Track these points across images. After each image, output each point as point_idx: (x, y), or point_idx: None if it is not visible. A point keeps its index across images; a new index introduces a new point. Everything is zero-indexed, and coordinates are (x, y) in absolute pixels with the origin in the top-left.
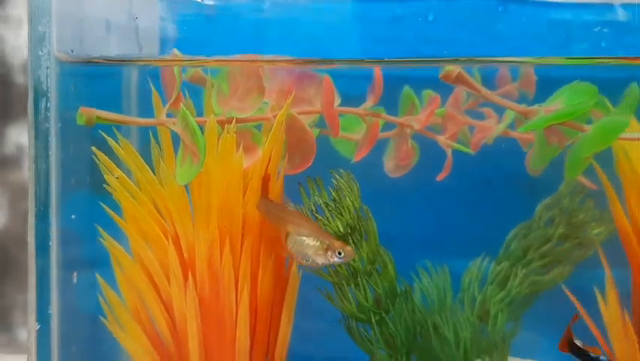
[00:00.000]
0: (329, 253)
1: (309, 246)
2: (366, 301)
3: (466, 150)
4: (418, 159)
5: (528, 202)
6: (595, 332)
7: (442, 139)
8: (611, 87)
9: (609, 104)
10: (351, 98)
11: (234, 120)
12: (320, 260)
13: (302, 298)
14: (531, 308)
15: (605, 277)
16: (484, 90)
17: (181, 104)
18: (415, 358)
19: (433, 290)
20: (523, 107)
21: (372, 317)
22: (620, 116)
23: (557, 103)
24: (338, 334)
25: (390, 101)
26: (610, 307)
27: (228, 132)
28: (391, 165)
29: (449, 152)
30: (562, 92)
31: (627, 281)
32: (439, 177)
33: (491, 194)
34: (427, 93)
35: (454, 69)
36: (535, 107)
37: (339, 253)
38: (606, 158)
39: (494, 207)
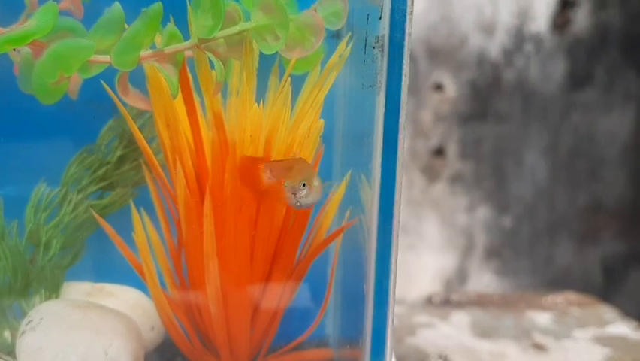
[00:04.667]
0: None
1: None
2: None
3: None
4: None
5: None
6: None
7: None
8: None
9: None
10: None
11: None
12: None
13: None
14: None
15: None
16: None
17: None
18: None
19: None
20: None
21: None
22: (82, 39)
23: (28, 24)
24: None
25: None
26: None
27: None
28: None
29: None
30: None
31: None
32: None
33: (61, 117)
34: None
35: None
36: (8, 28)
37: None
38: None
39: (55, 132)
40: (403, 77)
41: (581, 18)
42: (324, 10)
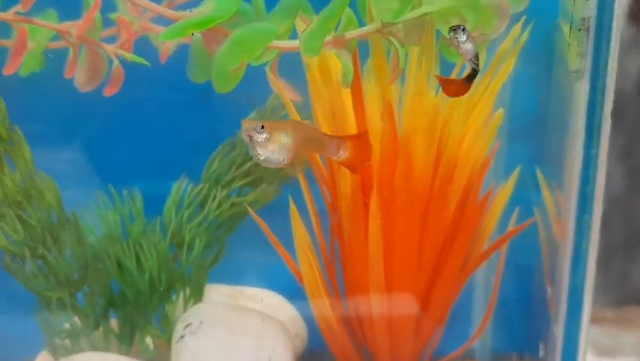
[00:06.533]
0: None
1: None
2: (16, 234)
3: (140, 60)
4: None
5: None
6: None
7: (109, 48)
8: None
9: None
10: None
11: None
12: None
13: None
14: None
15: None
16: None
17: None
18: (92, 292)
19: (115, 217)
20: (174, 12)
21: (27, 252)
22: (265, 24)
23: (206, 8)
24: None
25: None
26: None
27: None
28: (82, 78)
29: (116, 63)
30: None
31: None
32: (106, 92)
33: (199, 110)
34: None
35: None
36: (187, 12)
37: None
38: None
39: (199, 125)
40: (610, 62)
41: None
42: None
